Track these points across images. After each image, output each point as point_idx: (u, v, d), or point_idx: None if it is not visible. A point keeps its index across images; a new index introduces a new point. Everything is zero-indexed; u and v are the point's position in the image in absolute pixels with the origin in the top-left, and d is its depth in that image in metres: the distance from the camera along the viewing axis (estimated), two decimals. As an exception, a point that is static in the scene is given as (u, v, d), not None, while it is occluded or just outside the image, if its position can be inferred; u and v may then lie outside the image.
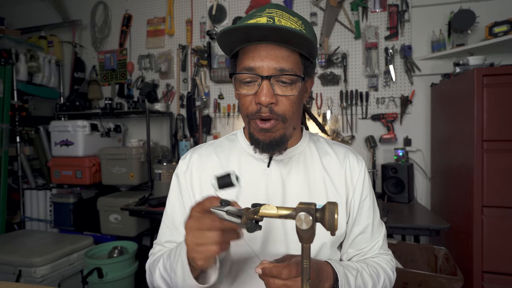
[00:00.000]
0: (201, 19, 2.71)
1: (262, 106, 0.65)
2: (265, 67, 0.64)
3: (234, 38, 0.65)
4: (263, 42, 0.65)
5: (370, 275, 0.71)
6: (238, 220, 0.52)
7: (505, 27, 1.84)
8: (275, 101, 0.65)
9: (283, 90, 0.65)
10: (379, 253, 0.80)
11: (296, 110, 0.69)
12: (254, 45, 0.65)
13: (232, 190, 0.73)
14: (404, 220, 1.70)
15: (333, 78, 2.41)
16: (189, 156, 0.81)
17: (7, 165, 2.51)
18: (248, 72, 0.65)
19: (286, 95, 0.65)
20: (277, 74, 0.64)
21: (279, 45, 0.64)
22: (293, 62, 0.65)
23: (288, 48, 0.65)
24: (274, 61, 0.64)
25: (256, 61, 0.64)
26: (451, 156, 1.90)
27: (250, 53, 0.66)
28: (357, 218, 0.78)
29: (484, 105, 1.57)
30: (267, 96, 0.63)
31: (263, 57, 0.64)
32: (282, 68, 0.64)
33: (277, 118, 0.66)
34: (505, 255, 1.54)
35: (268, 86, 0.64)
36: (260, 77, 0.64)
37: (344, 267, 0.68)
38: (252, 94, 0.66)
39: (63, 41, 3.01)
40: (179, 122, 2.75)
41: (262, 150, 0.70)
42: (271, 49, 0.64)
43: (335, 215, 0.45)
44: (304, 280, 0.48)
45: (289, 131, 0.70)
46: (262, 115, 0.65)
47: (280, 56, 0.64)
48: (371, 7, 2.34)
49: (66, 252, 2.05)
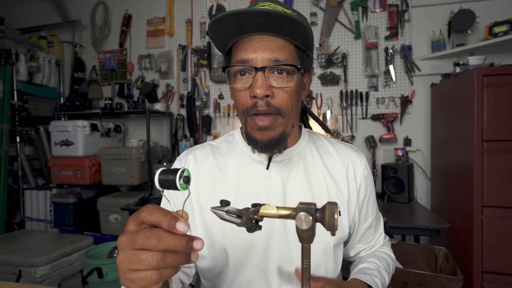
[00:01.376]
0: (201, 19, 2.71)
1: (257, 99, 0.62)
2: (259, 59, 0.61)
3: (226, 30, 0.63)
4: (256, 33, 0.63)
5: (385, 269, 0.77)
6: (238, 220, 0.52)
7: (505, 27, 1.84)
8: (271, 93, 0.62)
9: (279, 82, 0.63)
10: (383, 244, 0.86)
11: (295, 104, 0.66)
12: (247, 37, 0.64)
13: (230, 194, 0.72)
14: (404, 220, 1.70)
15: (333, 78, 2.41)
16: (185, 157, 0.79)
17: (7, 165, 2.51)
18: (241, 65, 0.63)
19: (283, 87, 0.63)
20: (272, 65, 0.61)
21: (273, 35, 0.62)
22: (288, 52, 0.63)
23: (283, 39, 0.63)
24: (268, 52, 0.61)
25: (249, 53, 0.62)
26: (451, 156, 1.90)
27: (243, 46, 0.63)
28: (363, 215, 0.79)
29: (484, 105, 1.57)
30: (261, 88, 0.60)
31: (256, 48, 0.62)
32: (276, 58, 0.61)
33: (274, 112, 0.63)
34: (505, 255, 1.54)
35: (263, 77, 0.61)
36: (254, 69, 0.62)
37: (370, 275, 0.72)
38: (246, 87, 0.64)
39: (63, 41, 3.01)
40: (179, 122, 2.75)
41: (261, 150, 0.68)
42: (265, 40, 0.62)
43: (335, 215, 0.45)
44: (304, 280, 0.48)
45: (288, 128, 0.67)
46: (259, 109, 0.62)
47: (274, 47, 0.62)
48: (371, 7, 2.34)
49: (66, 252, 2.04)
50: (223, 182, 0.74)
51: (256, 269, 0.70)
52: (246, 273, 0.71)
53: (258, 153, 0.71)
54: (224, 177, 0.74)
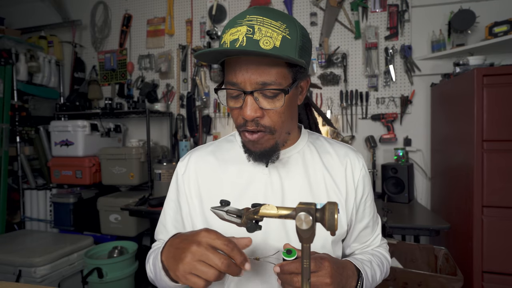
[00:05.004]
0: (201, 19, 2.71)
1: (247, 120, 0.64)
2: (247, 81, 0.62)
3: (213, 55, 0.64)
4: (242, 55, 0.62)
5: (378, 265, 0.77)
6: (238, 220, 0.52)
7: (505, 27, 1.84)
8: (261, 114, 0.64)
9: (269, 103, 0.64)
10: (379, 245, 0.86)
11: (286, 119, 0.68)
12: (235, 58, 0.63)
13: (230, 191, 0.74)
14: (404, 220, 1.70)
15: (333, 78, 2.41)
16: (187, 158, 0.82)
17: (7, 165, 2.51)
18: (232, 88, 0.64)
19: (272, 109, 0.64)
20: (260, 89, 0.62)
21: (260, 57, 0.61)
22: (276, 73, 0.62)
23: (270, 58, 0.61)
24: (256, 74, 0.61)
25: (237, 75, 0.62)
26: (451, 156, 1.90)
27: (232, 67, 0.64)
28: (360, 215, 0.80)
29: (484, 105, 1.57)
30: (251, 111, 0.62)
31: (243, 71, 0.62)
32: (264, 82, 0.61)
33: (264, 131, 0.65)
34: (505, 255, 1.54)
35: (252, 101, 0.62)
36: (243, 93, 0.63)
37: (361, 262, 0.72)
38: (238, 107, 0.65)
39: (63, 41, 3.01)
40: (179, 122, 2.75)
41: (255, 159, 0.71)
42: (252, 63, 0.61)
43: (335, 215, 0.45)
44: (304, 280, 0.48)
45: (281, 139, 0.70)
46: (248, 129, 0.65)
47: (262, 69, 0.61)
48: (371, 7, 2.34)
49: (66, 252, 2.05)
50: (223, 179, 0.76)
51: (256, 265, 0.71)
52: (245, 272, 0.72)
53: (253, 161, 0.73)
54: (225, 174, 0.76)
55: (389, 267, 0.84)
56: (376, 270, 0.76)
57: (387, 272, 0.82)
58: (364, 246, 0.84)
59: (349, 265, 0.68)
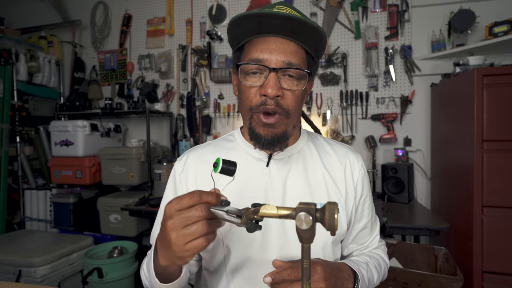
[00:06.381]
0: (201, 19, 2.71)
1: (267, 98, 0.64)
2: (273, 60, 0.64)
3: (245, 28, 0.65)
4: (273, 35, 0.65)
5: (375, 267, 0.76)
6: (238, 220, 0.52)
7: (505, 27, 1.84)
8: (281, 94, 0.65)
9: (289, 84, 0.66)
10: (377, 246, 0.85)
11: (299, 106, 0.69)
12: (263, 37, 0.65)
13: (231, 189, 0.74)
14: (404, 220, 1.70)
15: (333, 78, 2.41)
16: (185, 157, 0.80)
17: (7, 165, 2.51)
18: (255, 63, 0.65)
19: (292, 90, 0.65)
20: (285, 67, 0.64)
21: (288, 39, 0.65)
22: (300, 57, 0.66)
23: (296, 44, 0.66)
24: (283, 54, 0.64)
25: (264, 53, 0.64)
26: (451, 156, 1.90)
27: (258, 45, 0.65)
28: (359, 215, 0.80)
29: (484, 105, 1.57)
30: (273, 88, 0.63)
31: (272, 50, 0.64)
32: (290, 62, 0.64)
33: (281, 112, 0.65)
34: (505, 255, 1.54)
35: (275, 78, 0.63)
36: (268, 69, 0.64)
37: (357, 264, 0.71)
38: (257, 86, 0.66)
39: (63, 41, 3.01)
40: (179, 122, 2.75)
41: (263, 146, 0.69)
42: (280, 43, 0.64)
43: (335, 215, 0.45)
44: (304, 280, 0.48)
45: (290, 128, 0.70)
46: (268, 108, 0.64)
47: (289, 50, 0.64)
48: (371, 7, 2.34)
49: (66, 252, 2.05)
50: (223, 178, 0.75)
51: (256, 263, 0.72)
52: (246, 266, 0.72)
53: (259, 149, 0.73)
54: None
55: (387, 269, 0.83)
56: (373, 272, 0.75)
57: (385, 274, 0.82)
58: (362, 248, 0.83)
59: (344, 267, 0.68)
